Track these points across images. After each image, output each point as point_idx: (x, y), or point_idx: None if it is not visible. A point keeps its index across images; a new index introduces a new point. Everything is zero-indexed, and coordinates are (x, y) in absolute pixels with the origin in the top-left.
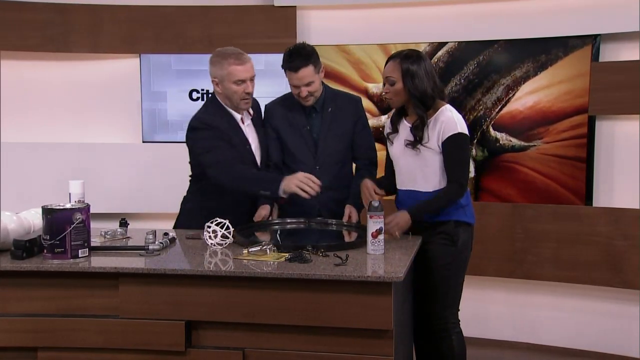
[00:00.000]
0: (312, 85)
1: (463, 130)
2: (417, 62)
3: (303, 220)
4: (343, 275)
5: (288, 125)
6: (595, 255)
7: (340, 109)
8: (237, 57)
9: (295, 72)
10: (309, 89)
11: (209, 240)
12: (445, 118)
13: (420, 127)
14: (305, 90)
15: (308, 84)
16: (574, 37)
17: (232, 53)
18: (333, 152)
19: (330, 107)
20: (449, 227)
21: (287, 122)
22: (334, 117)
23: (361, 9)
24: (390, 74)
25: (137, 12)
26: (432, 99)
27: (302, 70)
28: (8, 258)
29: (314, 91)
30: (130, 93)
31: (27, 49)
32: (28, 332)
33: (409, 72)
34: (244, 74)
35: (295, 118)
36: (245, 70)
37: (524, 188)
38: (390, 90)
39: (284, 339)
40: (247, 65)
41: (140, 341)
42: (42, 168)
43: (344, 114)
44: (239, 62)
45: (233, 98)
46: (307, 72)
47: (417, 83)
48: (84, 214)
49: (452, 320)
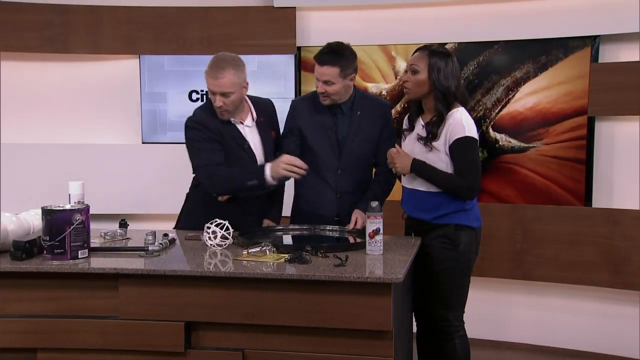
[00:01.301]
0: (331, 86)
1: (471, 133)
2: (445, 59)
3: (307, 226)
4: (343, 276)
5: (313, 123)
6: (595, 256)
7: (368, 112)
8: (214, 69)
9: (320, 66)
10: (327, 88)
11: (209, 241)
12: (454, 121)
13: (437, 123)
14: (323, 87)
15: (327, 83)
16: (574, 38)
17: (213, 64)
18: (357, 156)
19: (359, 110)
20: (449, 230)
21: (312, 120)
22: (361, 120)
23: (361, 10)
24: (416, 62)
25: (137, 13)
26: (454, 97)
27: (325, 67)
28: (7, 259)
29: (332, 93)
30: (129, 94)
31: (27, 49)
32: (28, 333)
33: (437, 66)
34: (214, 87)
35: (322, 117)
36: (215, 84)
37: (524, 189)
38: (411, 79)
39: (284, 339)
40: (218, 81)
41: (140, 342)
42: (42, 169)
43: (372, 118)
44: (212, 75)
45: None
46: (330, 71)
47: (442, 78)
48: (83, 214)
49: (455, 323)
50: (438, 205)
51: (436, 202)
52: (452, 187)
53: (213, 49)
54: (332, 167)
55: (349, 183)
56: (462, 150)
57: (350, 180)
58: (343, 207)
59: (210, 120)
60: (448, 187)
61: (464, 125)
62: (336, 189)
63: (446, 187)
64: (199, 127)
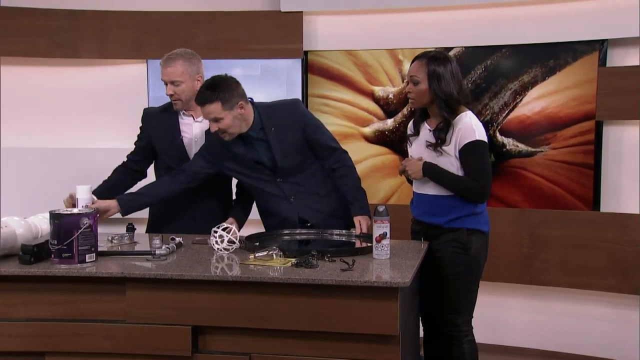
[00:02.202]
0: (221, 122)
1: (481, 137)
2: (443, 64)
3: (314, 231)
4: (349, 280)
5: (235, 158)
6: (603, 261)
7: (282, 123)
8: (165, 60)
9: (202, 107)
10: (219, 126)
11: (216, 245)
12: (463, 125)
13: (444, 129)
14: (215, 126)
15: (216, 120)
16: (583, 42)
17: (165, 57)
18: (294, 166)
19: (272, 127)
20: (461, 235)
21: (232, 156)
22: (279, 134)
23: (367, 14)
24: (415, 73)
25: (144, 18)
26: (457, 102)
27: (207, 106)
28: (16, 263)
29: (226, 128)
30: (137, 98)
31: (37, 54)
32: (36, 337)
33: (435, 73)
34: (163, 76)
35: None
36: (164, 73)
37: (531, 194)
38: (413, 90)
39: (291, 344)
40: (167, 69)
41: (147, 346)
42: (50, 173)
43: (288, 125)
44: (163, 65)
45: None
46: (212, 108)
47: (444, 85)
48: (91, 219)
49: (464, 328)
50: (450, 209)
51: (448, 206)
52: (465, 189)
53: (220, 54)
54: (271, 179)
55: (295, 185)
56: (473, 153)
57: (294, 182)
58: (302, 208)
59: (155, 113)
60: (460, 189)
61: (473, 129)
62: (285, 194)
63: (458, 189)
64: (143, 117)
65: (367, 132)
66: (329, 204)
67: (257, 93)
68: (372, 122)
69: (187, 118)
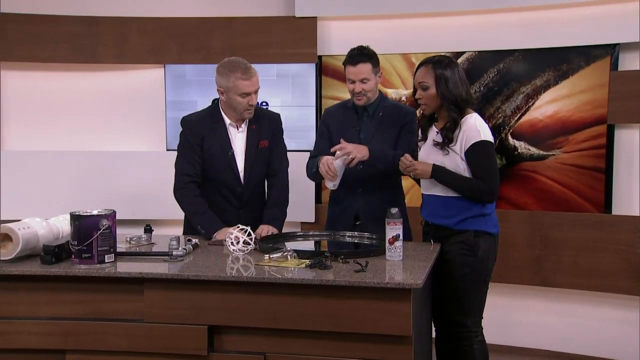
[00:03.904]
0: (367, 84)
1: (486, 137)
2: (449, 67)
3: (327, 233)
4: (363, 281)
5: (339, 124)
6: (615, 264)
7: (390, 114)
8: (244, 71)
9: (354, 66)
10: (364, 87)
11: (231, 246)
12: (468, 126)
13: (451, 128)
14: (360, 86)
15: (363, 81)
16: (596, 46)
17: (239, 67)
18: None
19: (381, 112)
20: (469, 237)
21: (339, 121)
22: (382, 121)
23: (381, 20)
24: (423, 79)
25: (162, 24)
26: (465, 103)
27: (360, 65)
28: (38, 263)
29: (368, 90)
30: (155, 102)
31: (58, 60)
32: (57, 335)
33: (443, 77)
34: (250, 88)
35: (348, 118)
36: (252, 84)
37: (542, 197)
38: (423, 95)
39: (305, 344)
40: (253, 80)
41: (164, 345)
42: (70, 175)
43: (392, 119)
44: (245, 77)
45: (237, 108)
46: (364, 68)
47: (451, 87)
48: (110, 220)
49: (474, 329)
50: (458, 211)
51: (456, 207)
52: (473, 190)
53: None
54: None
55: (369, 178)
56: (479, 154)
57: (368, 175)
58: (363, 205)
59: (200, 122)
60: (468, 191)
61: (478, 130)
62: (357, 183)
63: (466, 190)
64: (187, 126)
65: None
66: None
67: (272, 97)
68: None
69: (232, 127)
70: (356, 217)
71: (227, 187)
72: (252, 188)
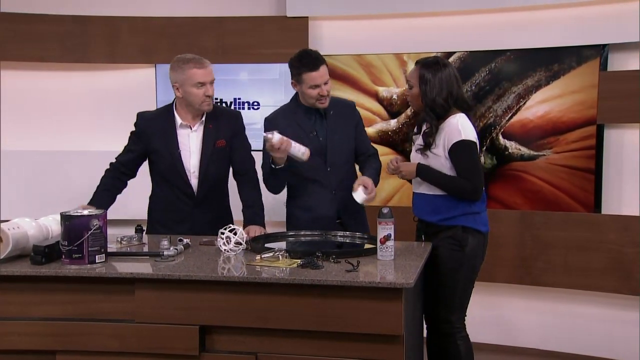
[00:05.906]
0: (328, 84)
1: (467, 137)
2: (433, 70)
3: (318, 232)
4: (354, 281)
5: (296, 131)
6: (604, 263)
7: (340, 113)
8: (198, 61)
9: (317, 70)
10: (327, 88)
11: (223, 246)
12: (449, 127)
13: (430, 133)
14: (324, 90)
15: (327, 83)
16: (586, 46)
17: (192, 59)
18: (341, 152)
19: (332, 111)
20: (457, 232)
21: (293, 129)
22: (337, 120)
23: (373, 19)
24: (410, 78)
25: (153, 23)
26: (442, 108)
27: (322, 68)
28: (28, 263)
29: (329, 91)
30: (146, 102)
31: (48, 59)
32: (47, 336)
33: (424, 79)
34: (205, 77)
35: (303, 124)
36: (206, 73)
37: (532, 197)
38: (409, 93)
39: (296, 343)
40: (207, 69)
41: (155, 345)
42: (60, 176)
43: (344, 117)
44: (199, 66)
45: (194, 102)
46: (324, 70)
47: (428, 91)
48: (100, 220)
49: (457, 325)
50: (444, 208)
51: (442, 205)
52: (456, 188)
53: (227, 58)
54: (321, 167)
55: (340, 179)
56: (461, 153)
57: (340, 176)
58: (340, 205)
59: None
60: (452, 189)
61: (459, 130)
62: (330, 186)
63: (450, 189)
64: (136, 123)
65: (370, 132)
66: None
67: (276, 96)
68: (375, 122)
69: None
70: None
71: (177, 187)
72: (207, 188)
